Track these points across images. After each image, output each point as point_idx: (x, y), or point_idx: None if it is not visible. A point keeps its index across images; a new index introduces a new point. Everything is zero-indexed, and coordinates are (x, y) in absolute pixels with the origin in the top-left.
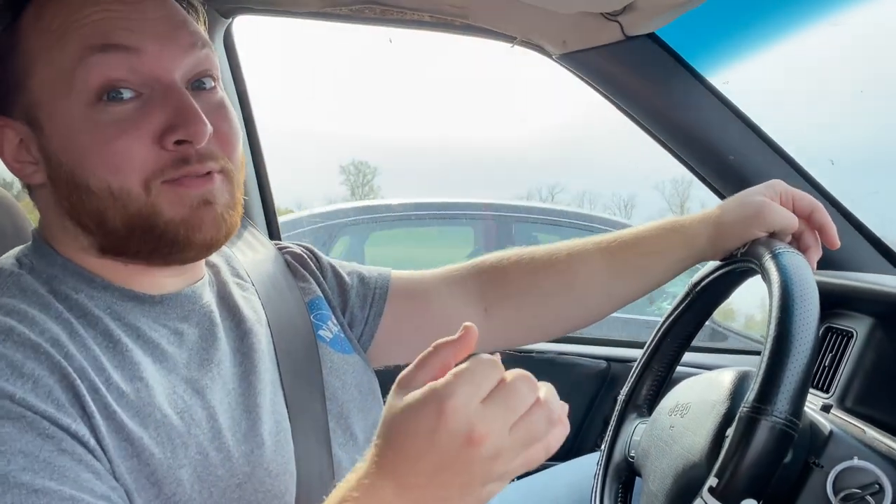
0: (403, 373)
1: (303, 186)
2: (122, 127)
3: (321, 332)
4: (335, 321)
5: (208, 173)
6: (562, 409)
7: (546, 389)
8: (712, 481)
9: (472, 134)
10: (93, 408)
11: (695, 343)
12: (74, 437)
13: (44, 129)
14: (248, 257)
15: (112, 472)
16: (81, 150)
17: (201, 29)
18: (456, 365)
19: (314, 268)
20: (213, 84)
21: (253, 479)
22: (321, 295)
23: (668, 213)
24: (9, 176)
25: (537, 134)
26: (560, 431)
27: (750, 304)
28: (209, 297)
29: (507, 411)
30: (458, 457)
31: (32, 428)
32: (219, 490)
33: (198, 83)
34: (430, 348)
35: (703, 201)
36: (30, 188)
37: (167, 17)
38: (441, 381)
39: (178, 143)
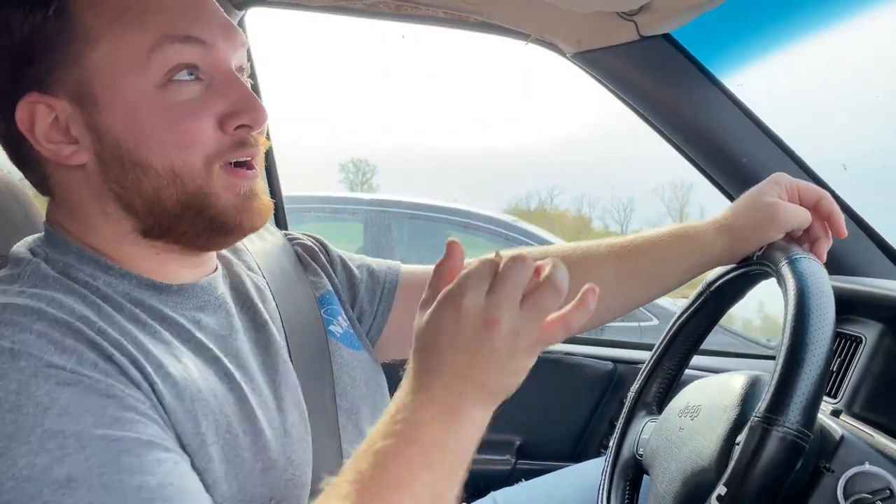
0: (423, 298)
1: (301, 182)
2: (191, 107)
3: (332, 328)
4: (345, 316)
5: (251, 166)
6: (566, 276)
7: (550, 269)
8: (721, 490)
9: (473, 134)
10: (138, 377)
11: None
12: (131, 397)
13: (100, 104)
14: (258, 247)
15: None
16: (147, 128)
17: None
18: None
19: (324, 261)
20: (245, 76)
21: (277, 466)
22: (331, 289)
23: (668, 218)
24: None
25: (537, 135)
26: (579, 312)
27: (748, 309)
28: (224, 289)
29: (511, 291)
30: (482, 342)
31: (92, 390)
32: (244, 473)
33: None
34: (432, 273)
35: (702, 206)
36: (45, 177)
37: (222, 13)
38: (450, 286)
39: (238, 127)
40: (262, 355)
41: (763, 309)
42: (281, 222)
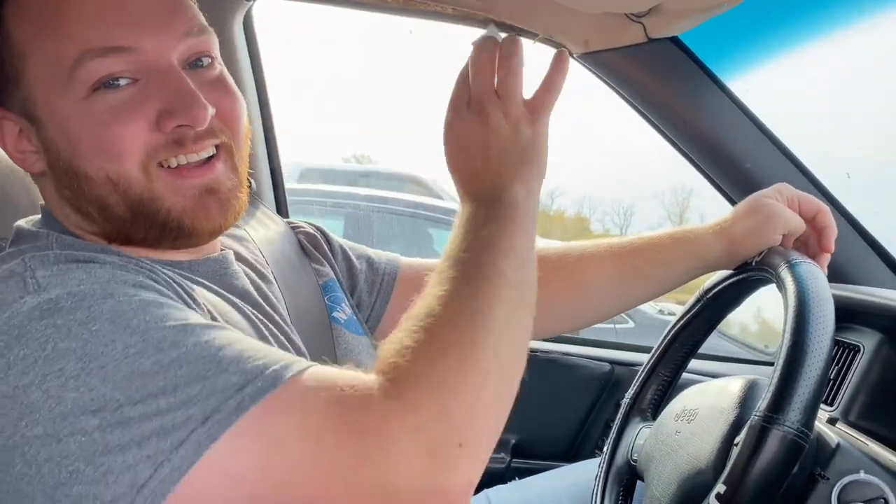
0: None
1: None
2: (118, 113)
3: (336, 314)
4: (348, 303)
5: (209, 160)
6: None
7: (501, 51)
8: (720, 488)
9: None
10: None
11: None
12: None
13: (41, 121)
14: (261, 234)
15: None
16: (77, 140)
17: (197, 13)
18: None
19: (326, 249)
20: (210, 60)
21: None
22: (334, 277)
23: (667, 222)
24: None
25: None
26: (556, 72)
27: (745, 314)
28: (237, 267)
29: (485, 89)
30: (485, 134)
31: (177, 303)
32: None
33: (195, 62)
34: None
35: (702, 212)
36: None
37: (160, 4)
38: (447, 114)
39: (178, 126)
40: (272, 338)
41: (759, 315)
42: (283, 211)
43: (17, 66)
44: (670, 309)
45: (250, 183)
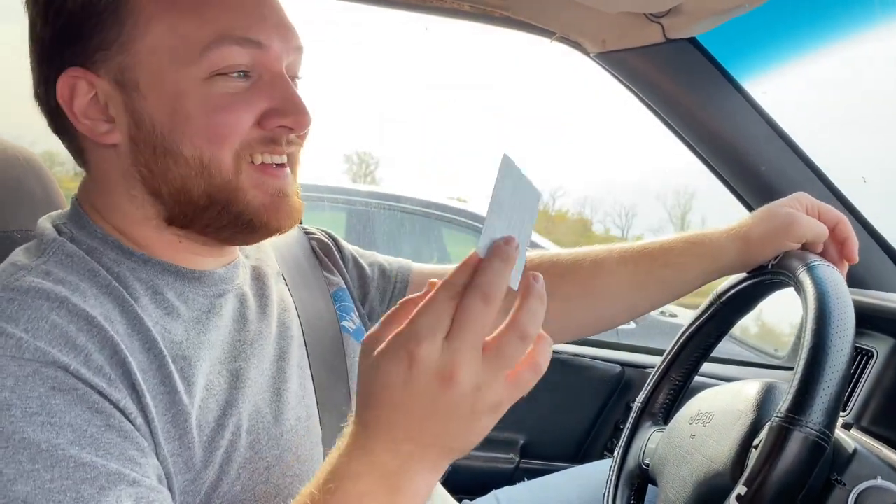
0: (370, 331)
1: (305, 171)
2: (232, 100)
3: (345, 324)
4: (357, 313)
5: (282, 164)
6: (533, 319)
7: (515, 310)
8: (741, 489)
9: (475, 130)
10: (143, 386)
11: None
12: (123, 412)
13: (142, 90)
14: (275, 239)
15: (156, 453)
16: (185, 117)
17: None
18: None
19: (338, 258)
20: (299, 79)
21: (281, 462)
22: (345, 287)
23: (669, 224)
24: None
25: (542, 134)
26: (542, 346)
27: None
28: (243, 279)
29: (471, 336)
30: (438, 400)
31: (83, 401)
32: (247, 473)
33: (292, 77)
34: (396, 305)
35: (703, 214)
36: (81, 150)
37: (283, 13)
38: (402, 328)
39: (278, 127)
40: (274, 347)
41: (760, 319)
42: None
43: (132, 33)
44: (671, 311)
45: None
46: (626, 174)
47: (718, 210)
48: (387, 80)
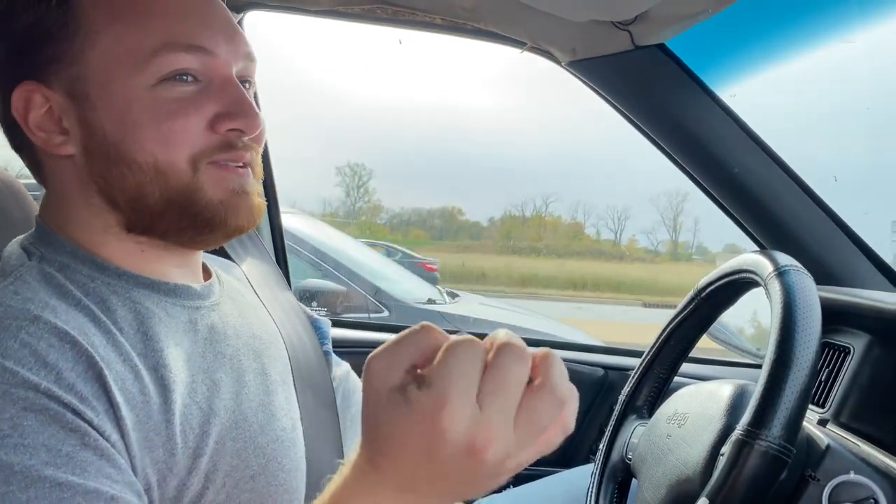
0: (378, 352)
1: (297, 186)
2: (183, 105)
3: (326, 348)
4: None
5: (243, 165)
6: (564, 377)
7: (548, 361)
8: (703, 501)
9: (469, 140)
10: (119, 399)
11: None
12: (97, 430)
13: (92, 101)
14: (249, 265)
15: (133, 468)
16: (135, 125)
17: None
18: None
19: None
20: (250, 85)
21: (266, 472)
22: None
23: (662, 226)
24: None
25: (535, 142)
26: (573, 406)
27: (741, 318)
28: (220, 296)
29: (506, 402)
30: (461, 467)
31: (55, 421)
32: (232, 481)
33: (243, 81)
34: (416, 326)
35: (696, 216)
36: (39, 164)
37: (230, 20)
38: (428, 388)
39: (230, 130)
40: (255, 362)
41: (754, 319)
42: (279, 249)
43: (80, 45)
44: (430, 297)
45: None
46: (619, 178)
47: (711, 211)
48: (379, 92)
